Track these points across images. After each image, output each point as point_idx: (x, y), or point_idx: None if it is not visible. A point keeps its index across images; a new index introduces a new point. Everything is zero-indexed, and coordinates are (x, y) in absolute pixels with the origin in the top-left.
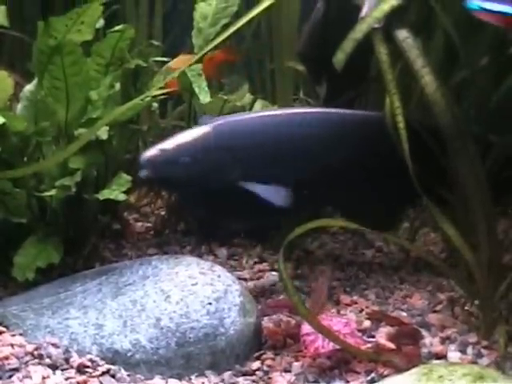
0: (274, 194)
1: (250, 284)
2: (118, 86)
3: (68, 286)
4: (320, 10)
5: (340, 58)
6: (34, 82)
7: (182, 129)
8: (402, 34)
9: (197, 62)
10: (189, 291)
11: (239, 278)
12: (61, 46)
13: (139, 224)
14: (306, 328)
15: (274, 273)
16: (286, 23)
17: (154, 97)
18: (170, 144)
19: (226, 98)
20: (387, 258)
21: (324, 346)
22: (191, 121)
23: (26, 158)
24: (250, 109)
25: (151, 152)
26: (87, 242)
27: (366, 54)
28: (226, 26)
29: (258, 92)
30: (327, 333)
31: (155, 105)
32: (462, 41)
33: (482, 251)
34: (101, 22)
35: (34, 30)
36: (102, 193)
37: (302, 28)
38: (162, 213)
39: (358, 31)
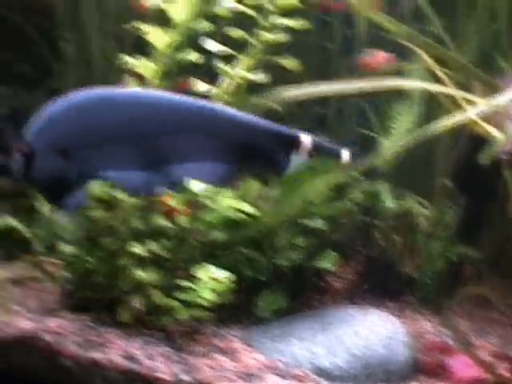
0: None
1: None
2: None
3: (290, 323)
4: (466, 144)
5: (487, 155)
6: None
7: None
8: None
9: None
10: (371, 331)
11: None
12: None
13: (336, 284)
14: (455, 361)
15: (428, 322)
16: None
17: None
18: None
19: None
20: None
21: (467, 374)
22: None
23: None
24: None
25: None
26: (303, 294)
27: (496, 179)
28: None
29: None
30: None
31: None
32: None
33: None
34: None
35: None
36: (319, 263)
37: (453, 154)
38: (351, 276)
39: (508, 135)
